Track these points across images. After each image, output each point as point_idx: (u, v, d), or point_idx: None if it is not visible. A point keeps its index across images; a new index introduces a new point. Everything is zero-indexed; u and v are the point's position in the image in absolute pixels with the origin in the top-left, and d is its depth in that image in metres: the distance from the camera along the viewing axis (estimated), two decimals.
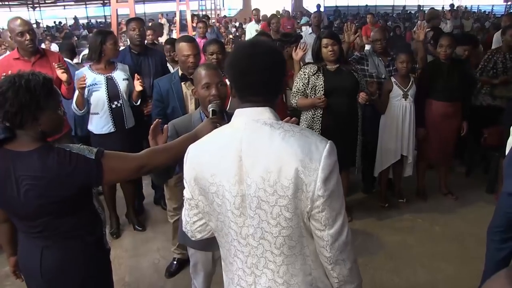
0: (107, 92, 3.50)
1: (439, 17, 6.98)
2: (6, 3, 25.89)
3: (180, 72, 3.15)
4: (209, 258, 2.38)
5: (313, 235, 1.34)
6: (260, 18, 9.28)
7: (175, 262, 3.36)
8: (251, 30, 9.06)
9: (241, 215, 1.33)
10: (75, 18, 25.31)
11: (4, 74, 3.08)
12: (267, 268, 1.37)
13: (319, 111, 3.52)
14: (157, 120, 2.01)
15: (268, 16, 8.21)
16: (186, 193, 1.45)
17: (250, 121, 1.33)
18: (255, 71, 1.33)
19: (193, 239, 1.55)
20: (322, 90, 3.49)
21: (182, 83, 3.11)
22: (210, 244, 2.16)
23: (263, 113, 1.34)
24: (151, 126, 1.97)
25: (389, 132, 3.99)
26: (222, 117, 2.17)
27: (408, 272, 3.29)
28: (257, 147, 1.29)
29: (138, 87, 3.53)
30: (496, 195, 4.07)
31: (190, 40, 3.18)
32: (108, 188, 3.83)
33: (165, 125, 2.04)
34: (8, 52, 4.51)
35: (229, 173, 1.31)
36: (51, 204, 1.67)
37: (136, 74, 3.56)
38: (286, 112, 3.84)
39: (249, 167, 1.29)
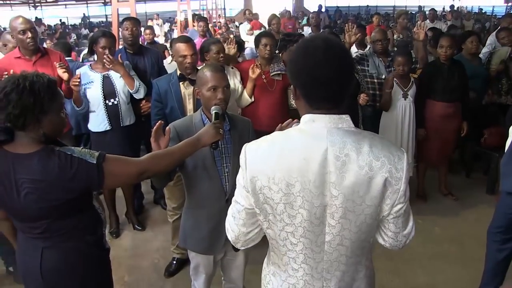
0: (102, 90, 3.49)
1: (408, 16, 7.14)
2: (8, 2, 25.90)
3: (178, 72, 3.16)
4: (211, 261, 2.36)
5: (381, 233, 1.42)
6: (251, 18, 9.30)
7: (174, 262, 3.36)
8: (243, 30, 9.10)
9: (320, 224, 1.29)
10: (84, 17, 25.35)
11: (6, 73, 3.10)
12: (338, 271, 1.38)
13: None
14: (159, 122, 1.97)
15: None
16: (244, 201, 1.34)
17: (333, 129, 1.26)
18: (337, 81, 1.25)
19: (242, 248, 1.47)
20: None
21: (180, 83, 3.13)
22: (211, 248, 2.21)
23: (343, 121, 1.29)
24: (154, 129, 1.93)
25: (388, 132, 3.98)
26: (224, 119, 2.17)
27: (408, 273, 3.29)
28: (346, 158, 1.23)
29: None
30: (497, 196, 4.07)
31: (187, 40, 3.20)
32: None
33: (167, 127, 2.01)
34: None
35: (311, 184, 1.24)
36: (52, 207, 1.66)
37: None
38: (287, 113, 3.83)
39: (337, 179, 1.23)
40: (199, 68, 2.63)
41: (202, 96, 2.20)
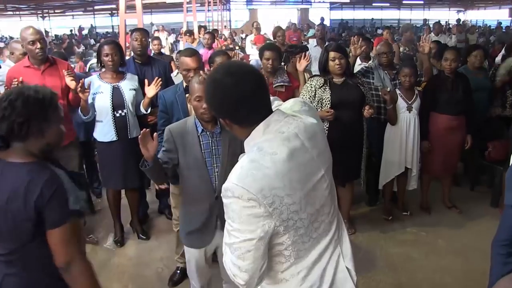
0: (112, 100, 3.53)
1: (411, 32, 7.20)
2: (17, 13, 26.25)
3: (184, 84, 3.20)
4: (202, 255, 2.52)
5: None
6: (255, 31, 9.40)
7: (178, 271, 3.36)
8: (249, 40, 9.21)
9: (331, 189, 1.55)
10: (91, 27, 25.61)
11: (15, 80, 3.15)
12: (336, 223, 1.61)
13: (325, 124, 3.52)
14: (144, 130, 2.21)
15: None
16: (260, 230, 1.33)
17: (285, 120, 1.44)
18: (256, 92, 1.40)
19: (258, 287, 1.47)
20: (328, 103, 3.49)
21: (187, 94, 3.15)
22: (202, 241, 2.48)
23: (278, 113, 1.46)
24: (139, 136, 2.18)
25: (393, 145, 4.00)
26: (216, 124, 2.39)
27: (412, 286, 3.28)
28: (311, 131, 1.48)
29: (151, 91, 3.49)
30: (501, 209, 4.06)
31: (191, 54, 3.21)
32: (113, 196, 3.86)
33: (155, 133, 2.25)
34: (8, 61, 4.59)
35: (308, 166, 1.43)
36: (19, 230, 1.59)
37: (145, 80, 3.56)
38: None
39: (315, 149, 1.46)
40: None
41: (191, 103, 2.42)
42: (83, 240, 1.69)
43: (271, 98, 1.67)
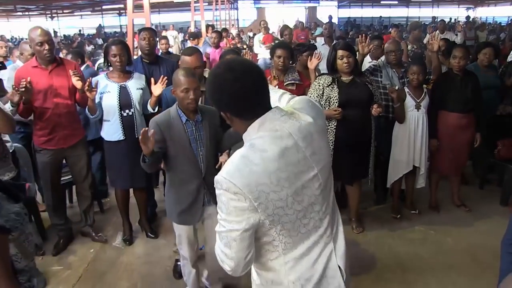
0: (119, 100, 3.56)
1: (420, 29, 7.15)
2: (26, 13, 26.48)
3: None
4: (191, 229, 2.85)
5: None
6: (264, 30, 9.40)
7: (179, 263, 3.37)
8: (257, 40, 9.21)
9: (323, 190, 1.55)
10: (99, 27, 25.79)
11: (24, 80, 3.18)
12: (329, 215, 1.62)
13: (333, 123, 3.53)
14: (144, 129, 2.40)
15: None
16: (245, 223, 1.40)
17: (281, 119, 1.47)
18: (255, 89, 1.44)
19: (242, 274, 1.51)
20: (336, 102, 3.49)
21: None
22: (191, 218, 2.76)
23: (276, 111, 1.48)
24: (140, 136, 2.38)
25: (401, 143, 3.98)
26: (196, 112, 2.67)
27: (420, 284, 3.26)
28: (308, 131, 1.50)
29: (157, 90, 3.48)
30: (510, 207, 4.04)
31: (191, 53, 3.24)
32: (121, 195, 3.89)
33: (152, 130, 2.46)
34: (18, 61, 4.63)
35: (300, 164, 1.46)
36: None
37: (152, 79, 3.55)
38: None
39: (309, 149, 1.48)
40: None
41: (176, 95, 2.62)
42: (6, 259, 1.49)
43: (281, 91, 1.75)
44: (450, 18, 24.76)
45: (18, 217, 1.52)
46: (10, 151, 3.48)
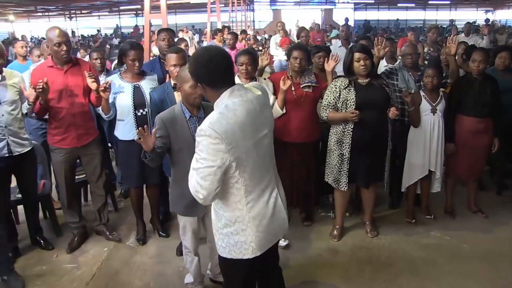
0: (133, 100, 3.58)
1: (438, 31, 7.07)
2: (46, 14, 26.92)
3: (172, 82, 3.33)
4: (196, 220, 2.97)
5: None
6: (282, 33, 9.36)
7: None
8: (274, 41, 9.19)
9: (270, 142, 2.17)
10: (116, 28, 26.10)
11: (40, 80, 3.22)
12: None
13: (350, 125, 3.50)
14: (140, 128, 2.53)
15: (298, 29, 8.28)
16: (220, 161, 1.88)
17: (243, 89, 2.05)
18: (229, 66, 2.01)
19: (209, 203, 2.05)
20: (353, 104, 3.46)
21: (175, 92, 3.28)
22: (195, 210, 2.84)
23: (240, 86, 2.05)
24: (137, 136, 2.54)
25: (416, 147, 3.94)
26: (199, 109, 2.79)
27: None
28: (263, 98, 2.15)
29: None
30: None
31: (177, 51, 3.39)
32: (135, 195, 3.90)
33: (154, 129, 2.62)
34: (42, 60, 4.69)
35: (258, 120, 2.03)
36: None
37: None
38: (317, 125, 3.83)
39: (264, 113, 2.10)
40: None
41: (183, 91, 2.70)
42: None
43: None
44: (473, 22, 24.43)
45: None
46: (30, 148, 3.55)
